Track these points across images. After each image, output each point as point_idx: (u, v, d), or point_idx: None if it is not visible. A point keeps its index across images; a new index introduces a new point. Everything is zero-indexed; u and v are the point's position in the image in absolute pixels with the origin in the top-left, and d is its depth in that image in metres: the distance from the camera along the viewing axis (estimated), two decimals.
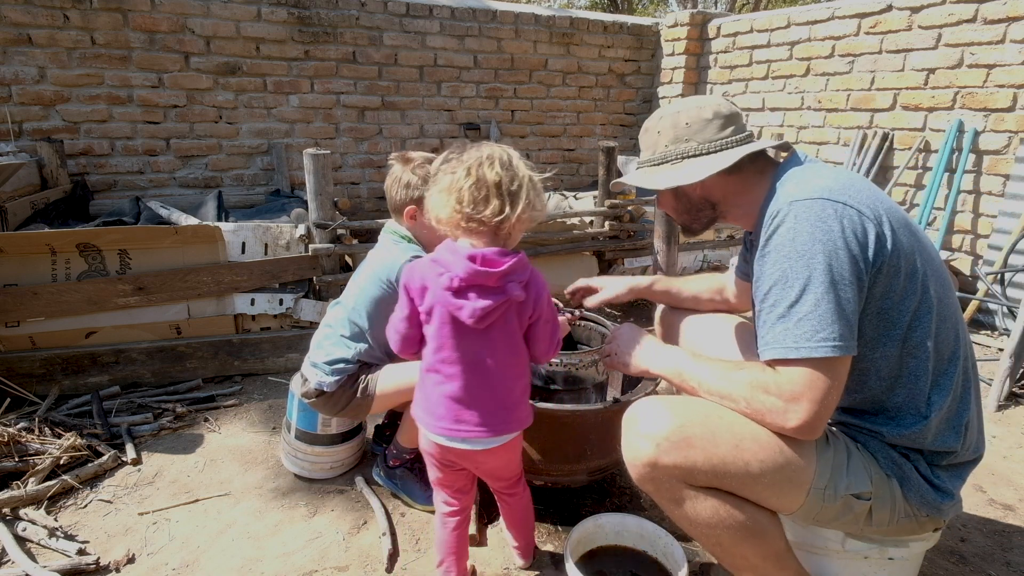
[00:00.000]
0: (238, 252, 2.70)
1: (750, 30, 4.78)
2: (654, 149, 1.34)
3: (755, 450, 1.11)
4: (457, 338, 1.25)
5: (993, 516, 1.84)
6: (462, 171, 1.20)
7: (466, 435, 1.28)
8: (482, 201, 1.19)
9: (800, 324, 1.06)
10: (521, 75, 5.05)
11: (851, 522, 1.16)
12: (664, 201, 1.42)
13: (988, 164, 3.48)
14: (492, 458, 1.34)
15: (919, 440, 1.16)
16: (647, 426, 1.17)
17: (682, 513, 1.17)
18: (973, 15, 3.43)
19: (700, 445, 1.12)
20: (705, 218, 1.39)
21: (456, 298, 1.20)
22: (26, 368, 2.41)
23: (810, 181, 1.15)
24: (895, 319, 1.13)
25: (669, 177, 1.28)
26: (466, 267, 1.18)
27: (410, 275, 1.28)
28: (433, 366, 1.29)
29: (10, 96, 3.64)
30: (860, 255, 1.08)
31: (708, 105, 1.29)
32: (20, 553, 1.59)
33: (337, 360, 1.72)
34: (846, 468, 1.15)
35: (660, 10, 15.66)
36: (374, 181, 4.77)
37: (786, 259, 1.10)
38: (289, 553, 1.66)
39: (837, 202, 1.09)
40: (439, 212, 1.24)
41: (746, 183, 1.30)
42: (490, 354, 1.26)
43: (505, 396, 1.29)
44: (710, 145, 1.27)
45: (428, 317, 1.27)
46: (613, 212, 3.53)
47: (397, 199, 1.71)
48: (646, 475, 1.17)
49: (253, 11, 4.04)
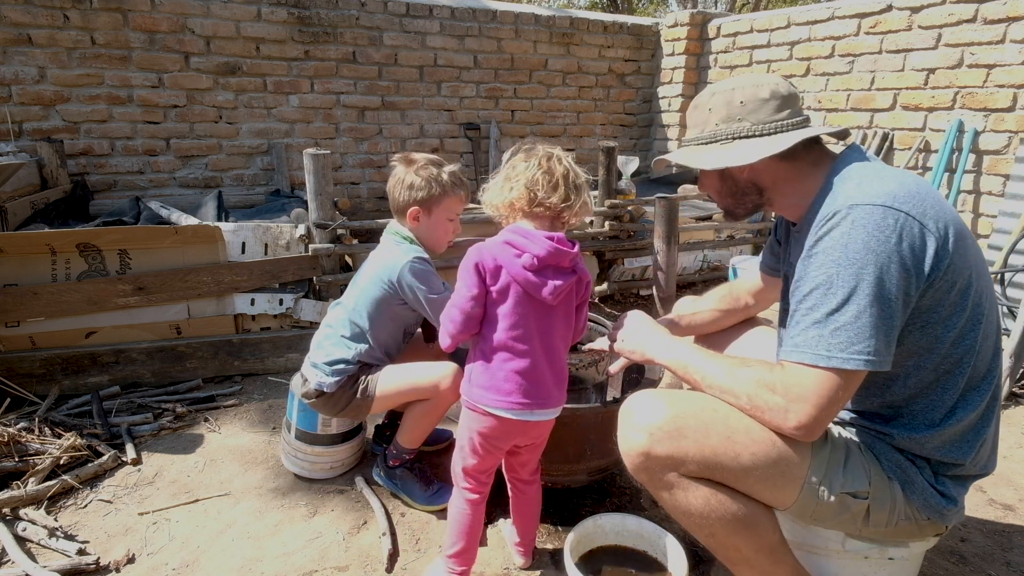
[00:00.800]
0: (238, 252, 2.70)
1: (750, 30, 4.78)
2: (703, 127, 1.28)
3: (747, 443, 1.11)
4: (530, 316, 1.32)
5: (993, 516, 1.84)
6: (534, 162, 1.32)
7: (537, 408, 1.35)
8: (551, 188, 1.30)
9: (836, 333, 1.04)
10: (521, 75, 5.05)
11: (848, 521, 1.16)
12: (708, 183, 1.36)
13: (988, 164, 3.48)
14: (547, 431, 1.45)
15: (927, 446, 1.15)
16: (641, 417, 1.18)
17: (675, 503, 1.18)
18: (973, 15, 3.43)
19: (692, 436, 1.13)
20: (750, 203, 1.33)
21: (536, 276, 1.28)
22: (26, 368, 2.41)
23: (873, 184, 1.09)
24: (939, 334, 1.10)
25: (718, 157, 1.23)
26: (546, 246, 1.28)
27: (481, 255, 1.31)
28: (505, 343, 1.32)
29: (10, 96, 3.64)
30: (914, 270, 1.03)
31: (766, 84, 1.23)
32: (20, 553, 1.59)
33: (337, 360, 1.72)
34: (843, 466, 1.14)
35: (660, 10, 15.65)
36: (374, 181, 4.76)
37: (835, 264, 1.06)
38: (289, 553, 1.66)
39: (900, 211, 1.04)
40: (504, 196, 1.34)
41: (799, 171, 1.24)
42: (556, 330, 1.36)
43: (562, 369, 1.40)
44: (764, 127, 1.21)
45: (502, 296, 1.31)
46: (613, 212, 3.53)
47: (400, 200, 1.71)
48: (640, 465, 1.18)
49: (253, 11, 4.04)
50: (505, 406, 1.33)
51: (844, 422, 1.26)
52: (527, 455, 1.49)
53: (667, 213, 3.09)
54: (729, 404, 1.17)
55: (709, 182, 1.36)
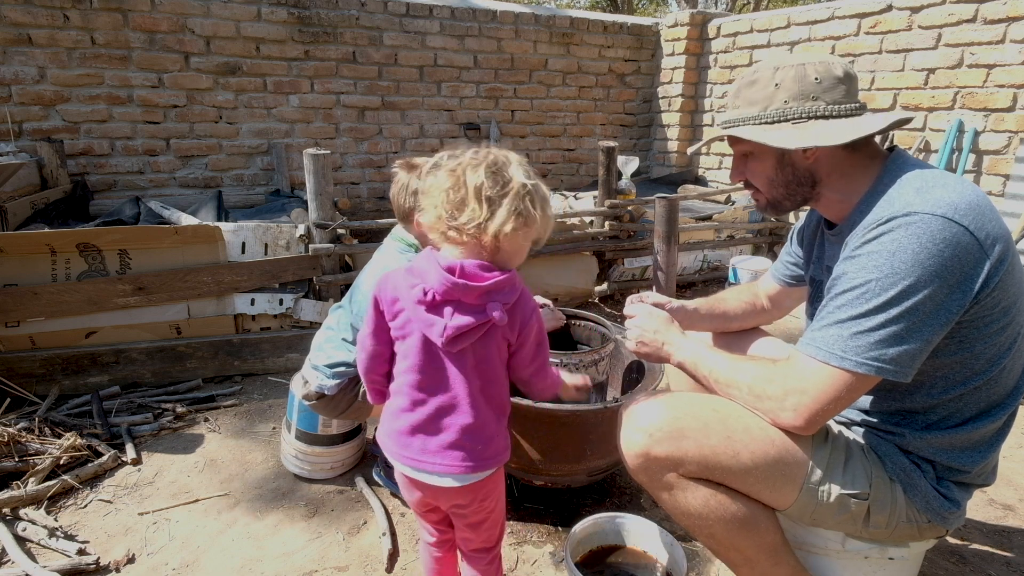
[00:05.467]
0: (238, 252, 2.70)
1: (750, 30, 4.78)
2: (767, 104, 1.16)
3: (746, 441, 1.11)
4: (427, 359, 1.12)
5: (993, 516, 1.84)
6: (444, 172, 1.08)
7: (433, 468, 1.12)
8: (458, 205, 1.05)
9: (856, 336, 1.01)
10: (521, 75, 5.04)
11: (848, 522, 1.16)
12: (758, 168, 1.23)
13: (988, 164, 3.48)
14: (462, 498, 1.17)
15: (937, 448, 1.13)
16: (641, 418, 1.18)
17: (675, 503, 1.17)
18: (973, 15, 3.43)
19: (692, 436, 1.12)
20: (800, 197, 1.23)
21: (429, 313, 1.08)
22: (26, 368, 2.40)
23: (935, 191, 1.02)
24: (977, 351, 1.07)
25: (795, 137, 1.11)
26: (442, 279, 1.05)
27: (382, 285, 1.16)
28: (400, 388, 1.15)
29: (10, 96, 3.64)
30: (962, 287, 0.99)
31: (837, 62, 1.13)
32: (20, 553, 1.59)
33: (338, 363, 1.72)
34: (843, 467, 1.14)
35: (660, 10, 15.65)
36: (374, 181, 4.76)
37: (875, 270, 1.01)
38: (289, 553, 1.66)
39: (959, 225, 0.98)
40: (423, 216, 1.13)
41: (855, 165, 1.16)
42: (466, 382, 1.11)
43: (478, 429, 1.13)
44: (840, 108, 1.12)
45: (401, 333, 1.14)
46: (613, 212, 3.53)
47: (406, 207, 1.65)
48: (640, 465, 1.17)
49: (253, 11, 4.04)
50: (402, 460, 1.16)
51: (851, 422, 1.25)
52: (460, 528, 1.26)
53: (667, 213, 3.09)
54: (732, 398, 1.17)
55: (762, 169, 1.22)
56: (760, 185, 1.25)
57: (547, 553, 1.66)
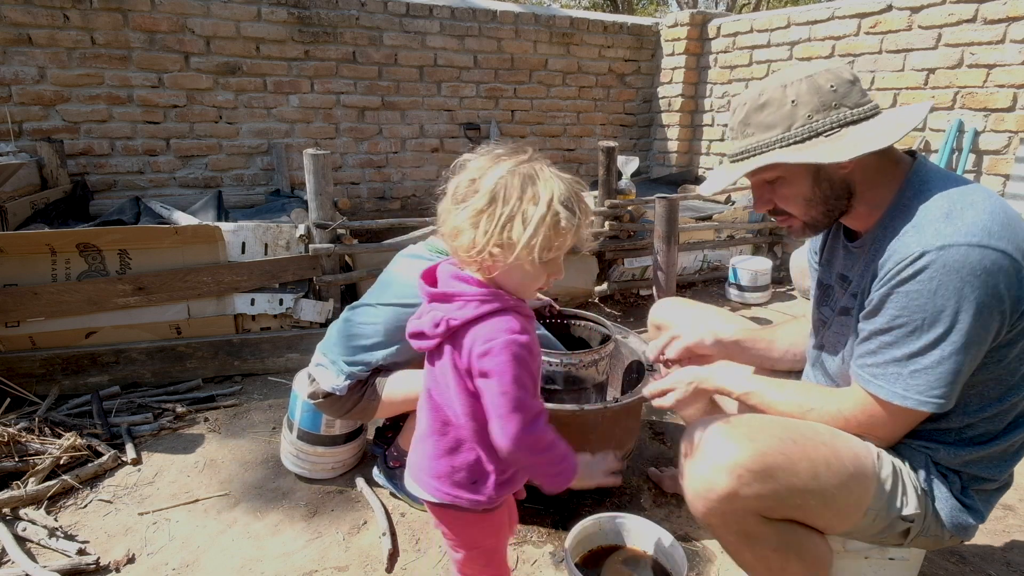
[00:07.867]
0: (238, 252, 2.69)
1: (750, 30, 4.78)
2: (789, 122, 1.08)
3: (828, 476, 1.06)
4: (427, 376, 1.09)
5: (993, 516, 1.84)
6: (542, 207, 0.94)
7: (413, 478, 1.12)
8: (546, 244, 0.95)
9: (915, 375, 1.02)
10: (521, 75, 5.04)
11: (888, 539, 1.15)
12: (793, 192, 1.13)
13: (988, 164, 3.48)
14: (438, 517, 1.13)
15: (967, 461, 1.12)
16: (720, 455, 1.05)
17: (748, 546, 1.09)
18: (973, 15, 3.43)
19: (782, 476, 1.04)
20: (837, 211, 1.15)
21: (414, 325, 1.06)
22: (26, 368, 2.40)
23: (965, 215, 0.98)
24: (1014, 368, 1.06)
25: (837, 150, 1.04)
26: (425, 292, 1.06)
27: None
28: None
29: (10, 96, 3.64)
30: (1004, 312, 0.98)
31: (840, 66, 1.09)
32: (20, 553, 1.59)
33: (357, 363, 1.71)
34: (900, 487, 1.12)
35: (660, 10, 15.65)
36: (374, 181, 4.76)
37: (920, 310, 0.99)
38: (289, 553, 1.66)
39: (996, 250, 0.95)
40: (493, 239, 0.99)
41: (883, 169, 1.11)
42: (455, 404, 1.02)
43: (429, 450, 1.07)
44: (863, 110, 1.07)
45: None
46: (613, 212, 3.53)
47: None
48: (717, 509, 1.05)
49: (253, 11, 4.04)
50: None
51: None
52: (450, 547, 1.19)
53: (667, 213, 3.09)
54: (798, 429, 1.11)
55: (793, 192, 1.13)
56: (795, 210, 1.16)
57: (547, 553, 1.66)
